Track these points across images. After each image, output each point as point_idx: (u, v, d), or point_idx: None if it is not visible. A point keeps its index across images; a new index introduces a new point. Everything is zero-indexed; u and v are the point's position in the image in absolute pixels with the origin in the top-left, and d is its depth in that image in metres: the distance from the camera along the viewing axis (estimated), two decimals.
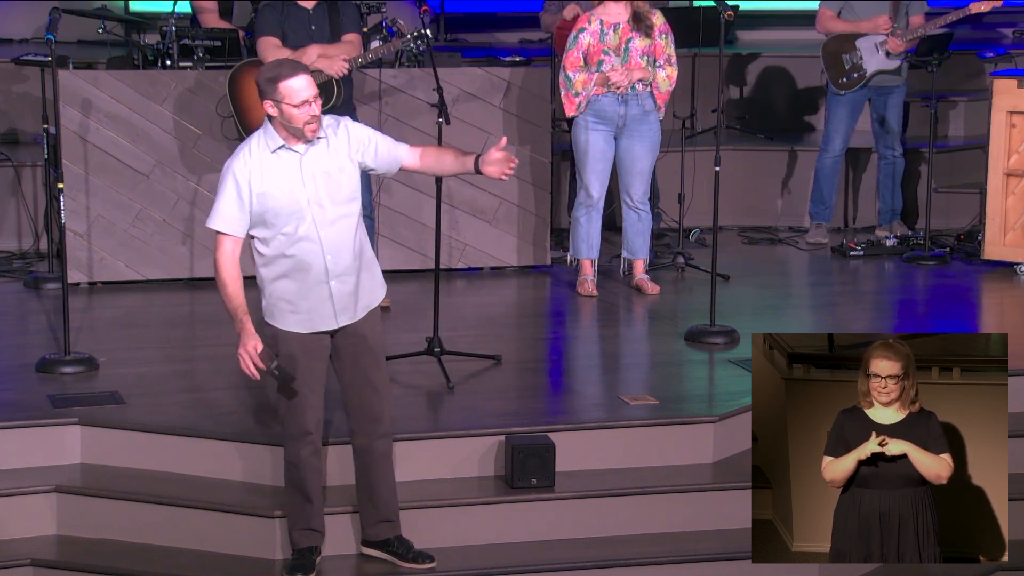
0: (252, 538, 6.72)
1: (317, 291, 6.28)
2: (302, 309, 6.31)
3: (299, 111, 6.13)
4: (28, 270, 9.72)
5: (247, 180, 6.20)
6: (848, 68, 10.39)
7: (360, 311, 6.37)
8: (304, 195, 6.20)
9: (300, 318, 6.32)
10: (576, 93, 9.10)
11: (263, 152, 6.23)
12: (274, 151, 6.22)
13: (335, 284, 6.28)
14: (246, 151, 6.24)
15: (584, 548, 6.88)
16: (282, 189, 6.19)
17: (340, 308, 6.31)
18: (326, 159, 6.24)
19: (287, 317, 6.33)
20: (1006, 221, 10.05)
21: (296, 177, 6.20)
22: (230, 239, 6.22)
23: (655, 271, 9.79)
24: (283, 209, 6.20)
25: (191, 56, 9.68)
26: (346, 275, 6.29)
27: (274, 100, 6.15)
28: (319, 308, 6.30)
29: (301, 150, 6.22)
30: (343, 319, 6.33)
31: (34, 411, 7.28)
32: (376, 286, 6.47)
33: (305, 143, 6.22)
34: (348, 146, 6.28)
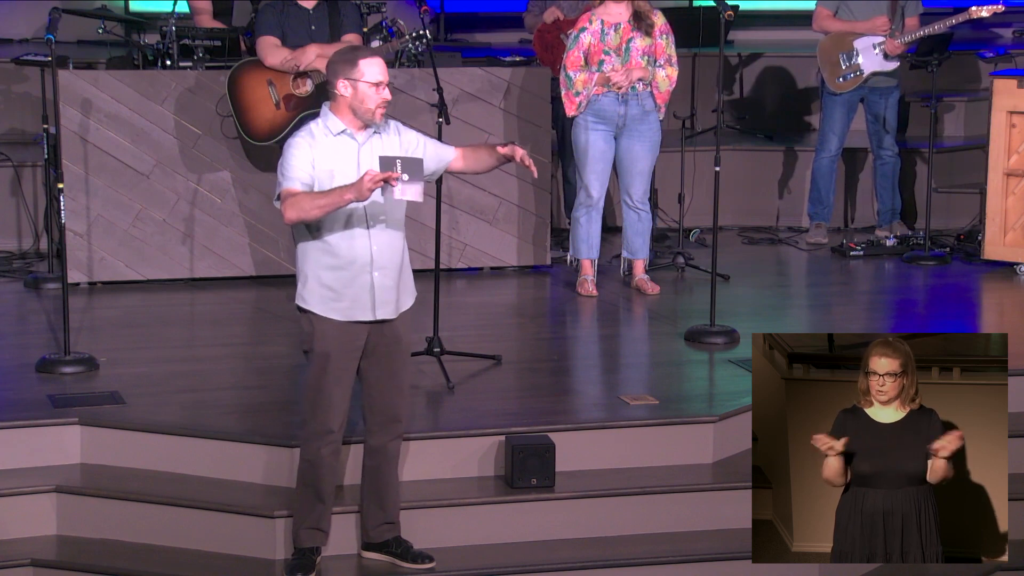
0: (252, 538, 6.72)
1: (360, 280, 6.29)
2: (344, 297, 6.31)
3: (375, 91, 6.19)
4: (28, 270, 9.72)
5: (312, 155, 6.22)
6: (845, 68, 10.39)
7: (400, 307, 6.41)
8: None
9: (341, 306, 6.31)
10: (577, 92, 9.11)
11: (325, 136, 6.27)
12: (335, 135, 6.26)
13: (377, 276, 6.30)
14: (307, 133, 6.28)
15: (584, 548, 6.88)
16: (341, 173, 6.23)
17: (380, 301, 6.33)
18: (384, 151, 6.28)
19: (328, 304, 6.32)
20: (1006, 221, 10.05)
21: (353, 165, 6.24)
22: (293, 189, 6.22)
23: (655, 271, 9.79)
24: None
25: (191, 56, 9.68)
26: (389, 269, 6.33)
27: (351, 79, 6.19)
28: (360, 297, 6.31)
29: (360, 139, 6.27)
30: (381, 312, 6.34)
31: (34, 411, 7.27)
32: (410, 290, 6.51)
33: (365, 132, 6.26)
34: (399, 145, 6.34)
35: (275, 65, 8.95)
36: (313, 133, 6.28)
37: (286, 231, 9.57)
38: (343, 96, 6.23)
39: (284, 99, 9.00)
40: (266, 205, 9.56)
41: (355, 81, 6.19)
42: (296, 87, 8.98)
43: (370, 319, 6.34)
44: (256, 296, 9.35)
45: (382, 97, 6.21)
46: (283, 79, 8.99)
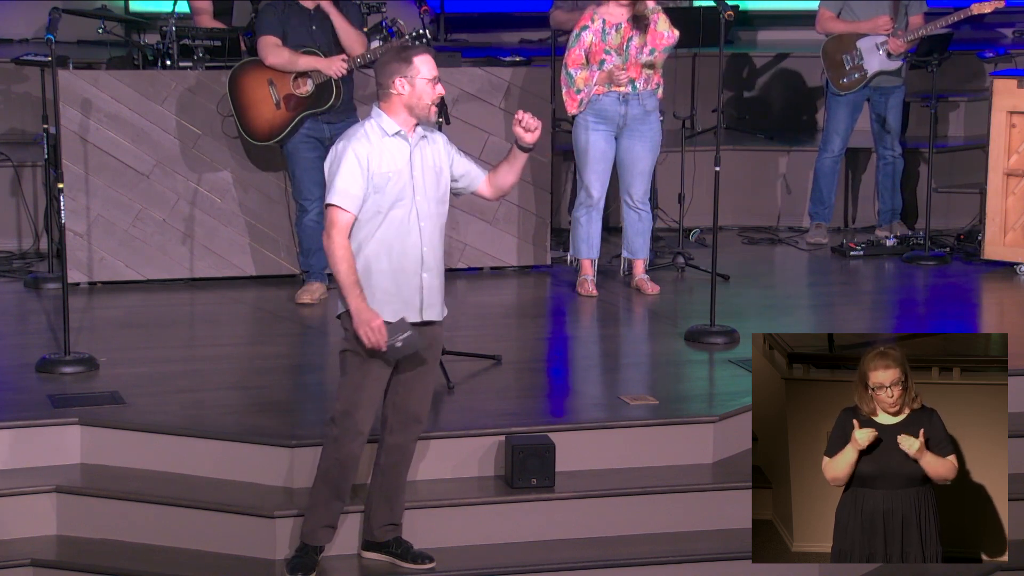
0: (252, 538, 6.72)
1: (411, 281, 6.30)
2: (395, 297, 6.31)
3: (431, 87, 6.21)
4: (28, 270, 9.72)
5: (367, 159, 6.22)
6: (849, 68, 10.39)
7: (439, 313, 6.42)
8: (412, 184, 6.25)
9: (394, 307, 6.30)
10: (578, 90, 9.11)
11: (379, 136, 6.27)
12: (391, 136, 6.26)
13: (426, 276, 6.31)
14: (363, 134, 6.27)
15: (584, 548, 6.88)
16: (397, 174, 6.24)
17: (427, 302, 6.34)
18: (431, 155, 6.33)
19: (382, 306, 6.29)
20: (1006, 221, 10.05)
21: (406, 165, 6.26)
22: (347, 216, 6.22)
23: (655, 271, 9.79)
24: (394, 194, 6.24)
25: (191, 56, 9.68)
26: (435, 270, 6.35)
27: (407, 76, 6.20)
28: (411, 298, 6.32)
29: (412, 141, 6.28)
30: (428, 313, 6.35)
31: (34, 411, 7.27)
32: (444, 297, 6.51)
33: (416, 134, 6.27)
34: (444, 150, 6.38)
35: (275, 65, 8.95)
36: (369, 135, 6.26)
37: (286, 231, 9.57)
38: (399, 95, 6.23)
39: (284, 99, 9.00)
40: (266, 205, 9.57)
41: (412, 78, 6.21)
42: (296, 87, 8.97)
43: (418, 320, 6.34)
44: (256, 296, 9.35)
45: (438, 93, 6.24)
46: (284, 79, 8.99)
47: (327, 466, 6.45)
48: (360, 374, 6.32)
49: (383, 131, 6.26)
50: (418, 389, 6.46)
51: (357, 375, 6.33)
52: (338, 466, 6.42)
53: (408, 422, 6.49)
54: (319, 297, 9.06)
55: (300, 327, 8.78)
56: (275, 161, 9.48)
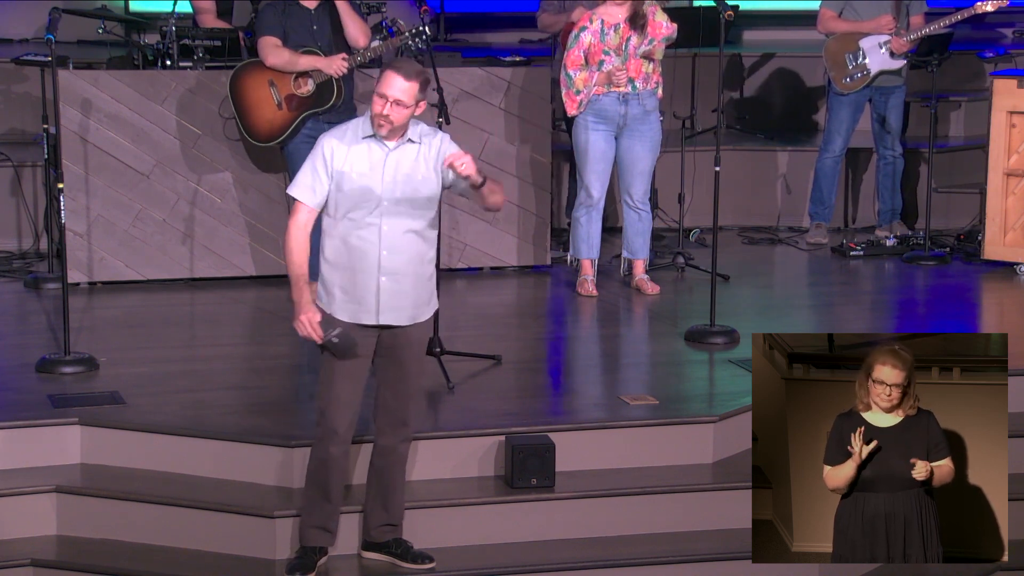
0: (252, 538, 6.72)
1: (368, 283, 6.30)
2: (351, 297, 6.33)
3: (377, 99, 6.20)
4: (28, 270, 9.72)
5: (331, 155, 6.27)
6: (851, 68, 10.38)
7: (411, 317, 6.37)
8: (379, 188, 6.25)
9: (348, 306, 6.33)
10: (577, 91, 9.11)
11: (356, 135, 6.30)
12: (364, 138, 6.28)
13: (384, 280, 6.29)
14: (343, 130, 6.33)
15: (584, 548, 6.88)
16: (361, 176, 6.25)
17: (385, 306, 6.31)
18: (412, 162, 6.29)
19: (336, 302, 6.35)
20: (1006, 221, 10.05)
21: (378, 169, 6.26)
22: (305, 208, 6.30)
23: (655, 271, 9.79)
24: (355, 195, 6.25)
25: (191, 56, 9.69)
26: (399, 275, 6.30)
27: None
28: (366, 300, 6.31)
29: (391, 145, 6.27)
30: (385, 318, 6.33)
31: (34, 411, 7.27)
32: (428, 301, 6.46)
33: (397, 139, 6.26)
34: (436, 158, 6.32)
35: (275, 65, 8.95)
36: (347, 133, 6.31)
37: None
38: None
39: (286, 99, 9.00)
40: (266, 205, 9.56)
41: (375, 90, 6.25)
42: (297, 87, 8.97)
43: (374, 323, 6.34)
44: (256, 296, 9.35)
45: (382, 107, 6.19)
46: (284, 79, 8.98)
47: (312, 467, 6.48)
48: (331, 372, 6.36)
49: (362, 132, 6.29)
50: (399, 391, 6.44)
51: (328, 373, 6.37)
52: (321, 466, 6.44)
53: (394, 424, 6.48)
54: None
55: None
56: (275, 161, 9.48)
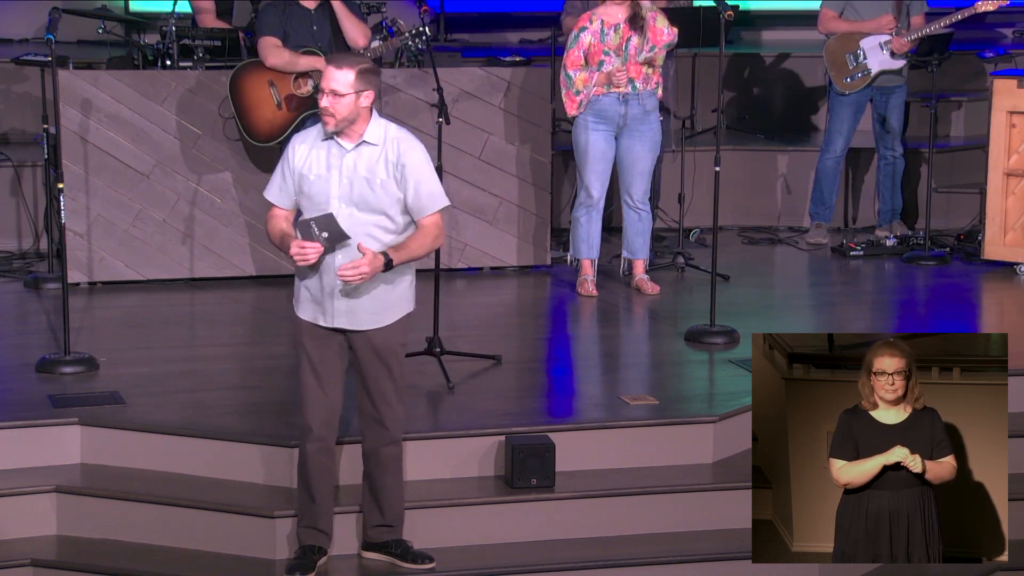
0: (252, 538, 6.72)
1: (325, 283, 6.30)
2: (313, 298, 6.35)
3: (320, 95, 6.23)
4: (28, 270, 9.72)
5: (293, 156, 6.33)
6: (852, 68, 10.38)
7: (364, 323, 6.34)
8: (335, 189, 6.24)
9: (310, 306, 6.37)
10: (577, 92, 9.11)
11: (319, 137, 6.32)
12: (326, 139, 6.29)
13: (340, 283, 6.28)
14: (309, 132, 6.38)
15: (584, 548, 6.88)
16: (319, 177, 6.27)
17: (340, 308, 6.31)
18: (367, 164, 6.27)
19: (300, 302, 6.40)
20: (1006, 221, 10.05)
21: (336, 170, 6.26)
22: (275, 208, 6.40)
23: (655, 271, 9.79)
24: (314, 195, 6.27)
25: (191, 56, 9.69)
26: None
27: None
28: (322, 301, 6.33)
29: (349, 147, 6.27)
30: (340, 321, 6.33)
31: (34, 411, 7.27)
32: (394, 305, 6.39)
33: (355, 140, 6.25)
34: (396, 165, 6.25)
35: (275, 65, 8.95)
36: (311, 133, 6.36)
37: None
38: None
39: (286, 99, 9.00)
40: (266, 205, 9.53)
41: None
42: (297, 87, 8.98)
43: (329, 325, 6.34)
44: (256, 296, 9.35)
45: (322, 101, 6.21)
46: (284, 79, 8.99)
47: (298, 468, 6.54)
48: (300, 370, 6.41)
49: (324, 133, 6.31)
50: (374, 397, 6.43)
51: (299, 371, 6.42)
52: (304, 467, 6.49)
53: (372, 427, 6.48)
54: None
55: None
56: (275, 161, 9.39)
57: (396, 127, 6.36)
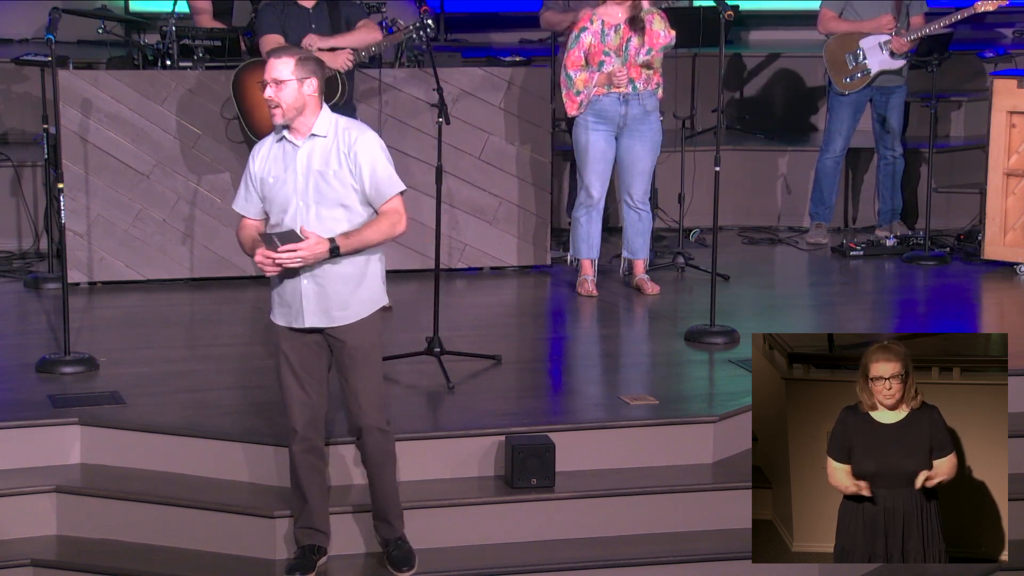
0: (252, 538, 6.72)
1: (293, 285, 6.30)
2: (283, 301, 6.36)
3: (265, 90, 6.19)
4: (28, 270, 9.72)
5: (252, 163, 6.32)
6: (852, 68, 10.38)
7: (336, 319, 6.31)
8: (293, 187, 6.23)
9: (281, 311, 6.38)
10: (578, 92, 9.10)
11: (274, 140, 6.32)
12: (278, 140, 6.29)
13: (306, 282, 6.27)
14: (266, 138, 6.36)
15: (584, 548, 6.88)
16: (277, 178, 6.26)
17: (310, 308, 6.30)
18: (321, 157, 6.23)
19: (274, 308, 6.42)
20: (1006, 221, 10.05)
21: (292, 168, 6.24)
22: (246, 219, 6.38)
23: (655, 271, 9.79)
24: (275, 197, 6.27)
25: (191, 56, 9.69)
26: (324, 277, 6.26)
27: None
28: (293, 303, 6.32)
29: (299, 143, 6.25)
30: (312, 320, 6.31)
31: (34, 411, 7.27)
32: (364, 300, 6.35)
33: (304, 135, 6.22)
34: (348, 154, 6.21)
35: None
36: (272, 136, 6.33)
37: None
38: None
39: None
40: None
41: None
42: None
43: (303, 326, 6.33)
44: (256, 296, 9.34)
45: (267, 94, 6.17)
46: None
47: (290, 470, 6.54)
48: (280, 376, 6.42)
49: (278, 134, 6.30)
50: (348, 395, 6.42)
51: (279, 374, 6.43)
52: (293, 468, 6.49)
53: (353, 424, 6.48)
54: None
55: None
56: None
57: (347, 119, 6.33)
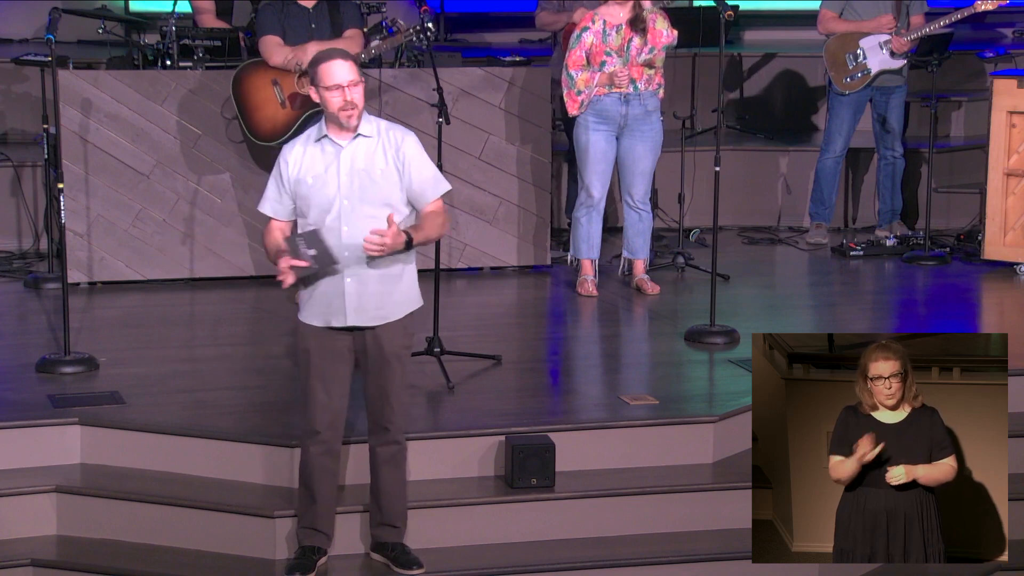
0: (252, 538, 6.72)
1: (334, 284, 6.29)
2: (320, 301, 6.33)
3: (331, 95, 6.19)
4: (28, 270, 9.72)
5: (286, 165, 6.31)
6: (852, 68, 10.38)
7: (375, 319, 6.34)
8: (336, 187, 6.23)
9: (318, 310, 6.34)
10: (579, 92, 9.10)
11: (310, 140, 6.31)
12: (318, 140, 6.29)
13: (350, 281, 6.28)
14: (303, 137, 6.35)
15: (584, 548, 6.88)
16: (317, 179, 6.24)
17: (352, 307, 6.30)
18: (366, 157, 6.27)
19: (308, 308, 6.36)
20: (1006, 221, 10.05)
21: (333, 169, 6.25)
22: (274, 221, 6.38)
23: (655, 271, 9.79)
24: (314, 198, 6.26)
25: (191, 56, 9.69)
26: (366, 276, 6.28)
27: (315, 84, 6.25)
28: (334, 302, 6.30)
29: (344, 143, 6.25)
30: (354, 319, 6.31)
31: (34, 411, 7.27)
32: (401, 301, 6.40)
33: (349, 136, 6.25)
34: (396, 154, 6.28)
35: (279, 64, 8.95)
36: (303, 139, 6.34)
37: None
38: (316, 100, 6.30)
39: (289, 98, 8.99)
40: None
41: (318, 88, 6.23)
42: (301, 85, 8.97)
43: (344, 324, 6.33)
44: (256, 296, 9.35)
45: (342, 99, 6.18)
46: (287, 78, 8.98)
47: (299, 468, 6.52)
48: (304, 374, 6.39)
49: (316, 135, 6.31)
50: (376, 396, 6.43)
51: (302, 375, 6.41)
52: (306, 468, 6.47)
53: (375, 427, 6.49)
54: None
55: None
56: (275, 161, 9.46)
57: (385, 121, 6.38)
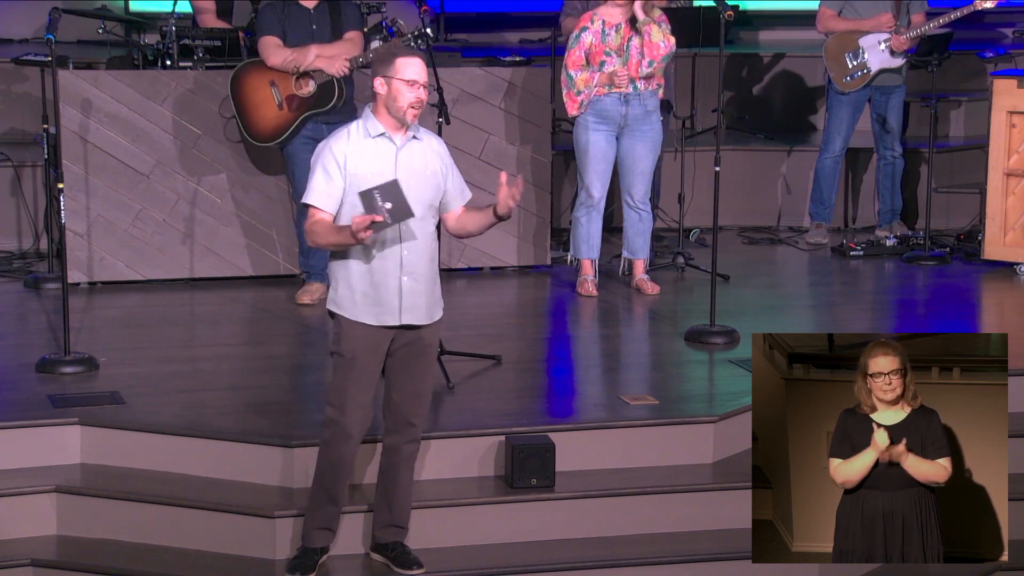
0: (252, 538, 6.72)
1: (389, 283, 6.28)
2: (373, 299, 6.31)
3: (407, 88, 6.20)
4: (28, 270, 9.72)
5: (343, 159, 6.25)
6: (852, 67, 10.38)
7: (426, 318, 6.37)
8: None
9: (371, 309, 6.31)
10: (578, 92, 9.10)
11: (361, 137, 6.29)
12: (371, 137, 6.28)
13: (406, 280, 6.29)
14: (345, 134, 6.31)
15: (584, 548, 6.88)
16: (376, 175, 6.22)
17: (407, 305, 6.30)
18: (420, 158, 6.30)
19: (358, 307, 6.31)
20: (1006, 221, 10.05)
21: (389, 167, 6.25)
22: (322, 214, 6.28)
23: (655, 271, 9.79)
24: None
25: (191, 56, 9.69)
26: (418, 274, 6.31)
27: (387, 76, 6.22)
28: (388, 301, 6.30)
29: (399, 142, 6.27)
30: (407, 317, 6.32)
31: (34, 411, 7.27)
32: (439, 300, 6.47)
33: (404, 136, 6.27)
34: (441, 159, 6.36)
35: (277, 65, 8.94)
36: (351, 135, 6.30)
37: (285, 231, 9.57)
38: (380, 94, 6.26)
39: (287, 99, 8.99)
40: (266, 205, 9.57)
41: (390, 79, 6.22)
42: (299, 87, 8.97)
43: (397, 324, 6.33)
44: (256, 296, 9.35)
45: (416, 96, 6.22)
46: (285, 80, 8.98)
47: (320, 469, 6.47)
48: (343, 375, 6.34)
49: (367, 132, 6.29)
50: (408, 393, 6.43)
51: (341, 376, 6.36)
52: (330, 469, 6.43)
53: (401, 424, 6.47)
54: (319, 297, 9.04)
55: (300, 327, 8.78)
56: (275, 162, 9.48)
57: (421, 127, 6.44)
